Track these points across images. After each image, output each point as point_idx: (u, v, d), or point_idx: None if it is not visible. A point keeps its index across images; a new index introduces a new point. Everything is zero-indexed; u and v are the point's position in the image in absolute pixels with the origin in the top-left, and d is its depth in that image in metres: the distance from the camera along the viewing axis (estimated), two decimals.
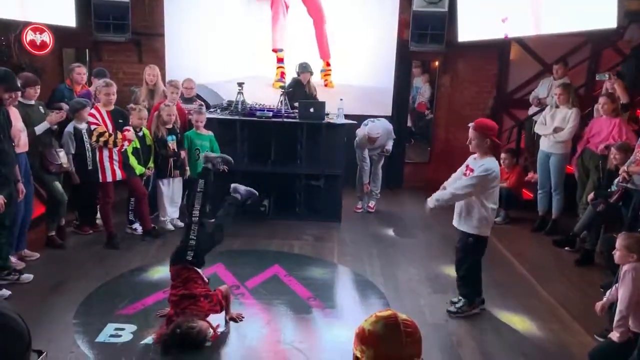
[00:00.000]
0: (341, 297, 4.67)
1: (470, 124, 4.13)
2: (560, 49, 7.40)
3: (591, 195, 5.46)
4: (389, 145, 6.76)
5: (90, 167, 5.28)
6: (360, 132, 6.59)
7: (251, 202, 4.46)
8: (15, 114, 4.61)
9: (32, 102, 5.04)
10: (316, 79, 7.35)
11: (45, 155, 5.03)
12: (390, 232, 6.32)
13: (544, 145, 6.22)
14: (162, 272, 4.85)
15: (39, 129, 4.94)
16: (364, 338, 1.50)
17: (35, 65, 7.22)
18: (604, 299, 3.78)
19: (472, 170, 4.10)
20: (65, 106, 6.30)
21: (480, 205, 4.06)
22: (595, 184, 5.59)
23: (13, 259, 4.67)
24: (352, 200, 6.94)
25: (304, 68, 6.86)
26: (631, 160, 4.98)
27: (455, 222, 4.27)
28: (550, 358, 3.75)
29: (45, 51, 7.13)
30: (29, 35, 6.89)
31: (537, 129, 6.32)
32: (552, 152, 6.12)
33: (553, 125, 6.04)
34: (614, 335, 3.53)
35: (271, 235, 5.84)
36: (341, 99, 6.49)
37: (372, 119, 6.70)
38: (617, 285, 3.67)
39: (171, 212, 5.95)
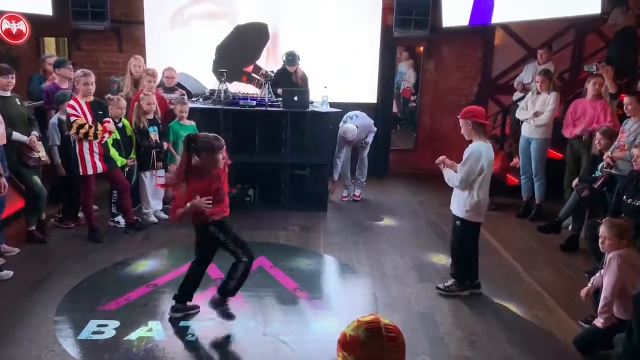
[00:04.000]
0: (327, 287, 4.64)
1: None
2: (545, 34, 7.37)
3: (575, 181, 5.48)
4: (369, 138, 6.73)
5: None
6: (340, 129, 6.55)
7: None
8: None
9: (8, 94, 4.91)
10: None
11: (23, 149, 4.91)
12: (376, 220, 6.29)
13: (525, 130, 6.24)
14: (145, 265, 4.81)
15: (17, 137, 4.83)
16: (345, 344, 1.46)
17: (11, 54, 7.07)
18: (589, 285, 3.80)
19: None
20: None
21: (469, 190, 4.11)
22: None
23: None
24: (336, 190, 6.89)
25: (291, 61, 6.69)
26: (615, 146, 4.99)
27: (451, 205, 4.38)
28: (535, 345, 3.75)
29: (22, 40, 6.97)
30: (4, 24, 6.74)
31: (518, 114, 6.32)
32: (533, 137, 6.13)
33: (533, 110, 6.05)
34: (598, 322, 3.56)
35: (256, 226, 5.78)
36: (325, 87, 6.42)
37: (350, 115, 6.62)
38: (601, 271, 3.69)
39: (154, 204, 5.86)
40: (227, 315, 3.85)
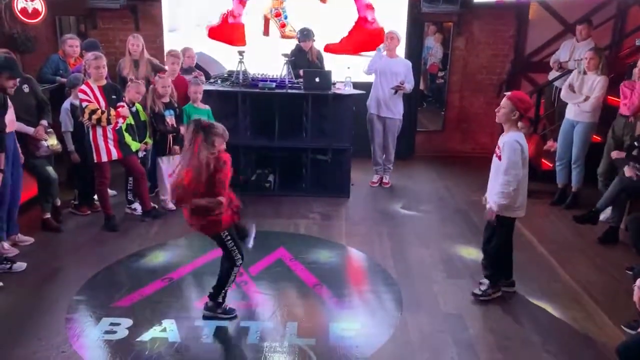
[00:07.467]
0: (349, 284, 4.37)
1: (507, 93, 3.87)
2: (583, 8, 6.90)
3: (615, 153, 5.11)
4: (409, 82, 6.27)
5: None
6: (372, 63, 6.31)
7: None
8: None
9: None
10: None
11: (30, 139, 4.73)
12: (401, 207, 6.01)
13: (570, 113, 5.80)
14: (161, 257, 4.66)
15: (19, 127, 4.62)
16: None
17: (28, 34, 6.92)
18: (635, 288, 3.49)
19: (499, 148, 3.83)
20: (61, 80, 6.03)
21: None
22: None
23: (6, 245, 4.47)
24: (360, 174, 6.61)
25: (306, 36, 6.37)
26: None
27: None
28: (573, 352, 3.47)
29: (38, 19, 6.85)
30: (20, 3, 6.66)
31: (566, 96, 5.84)
32: (579, 121, 5.70)
33: (583, 92, 5.61)
34: None
35: (276, 213, 5.57)
36: (349, 67, 6.11)
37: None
38: None
39: None
40: (230, 312, 3.74)
